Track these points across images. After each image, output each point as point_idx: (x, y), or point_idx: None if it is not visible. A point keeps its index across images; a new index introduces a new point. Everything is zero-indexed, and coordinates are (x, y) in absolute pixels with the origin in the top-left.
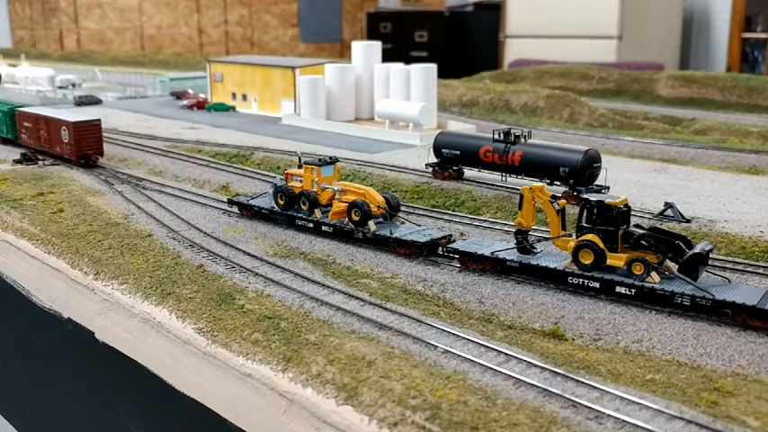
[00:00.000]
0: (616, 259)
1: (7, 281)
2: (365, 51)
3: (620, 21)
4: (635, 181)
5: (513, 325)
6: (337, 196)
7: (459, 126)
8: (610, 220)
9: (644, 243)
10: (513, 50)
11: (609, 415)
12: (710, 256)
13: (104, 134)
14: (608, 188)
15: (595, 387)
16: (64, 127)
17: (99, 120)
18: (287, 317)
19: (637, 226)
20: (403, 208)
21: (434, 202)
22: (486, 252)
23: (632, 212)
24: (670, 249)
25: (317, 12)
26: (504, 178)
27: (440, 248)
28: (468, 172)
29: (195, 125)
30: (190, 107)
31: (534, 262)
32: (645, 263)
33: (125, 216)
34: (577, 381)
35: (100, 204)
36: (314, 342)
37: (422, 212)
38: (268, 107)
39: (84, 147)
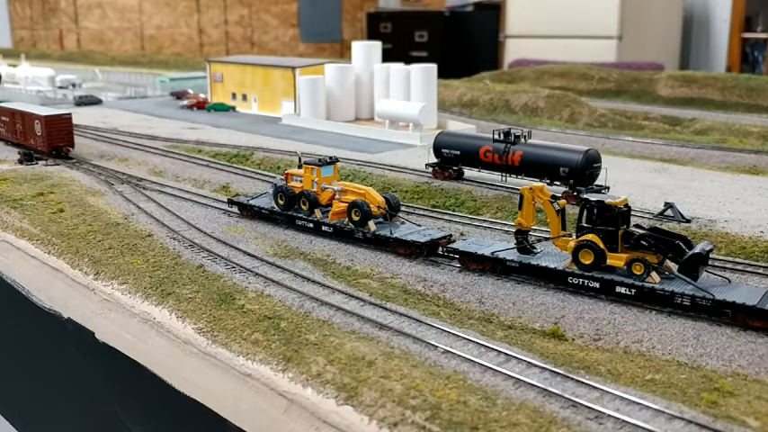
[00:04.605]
0: (616, 259)
1: (7, 281)
2: (365, 51)
3: (620, 21)
4: (635, 181)
5: (513, 325)
6: (337, 196)
7: (459, 126)
8: (610, 220)
9: (644, 243)
10: (513, 50)
11: (609, 415)
12: (710, 256)
13: (105, 134)
14: (608, 188)
15: (595, 387)
16: (37, 121)
17: (70, 114)
18: (287, 317)
19: (637, 226)
20: (403, 208)
21: (434, 202)
22: (487, 252)
23: (632, 212)
24: (670, 249)
25: (317, 12)
26: (504, 178)
27: (440, 248)
28: (468, 172)
29: (195, 125)
30: (190, 107)
31: (534, 262)
32: (645, 263)
33: (125, 216)
34: (577, 381)
35: (100, 204)
36: (314, 342)
37: (422, 212)
38: (268, 107)
39: (56, 139)
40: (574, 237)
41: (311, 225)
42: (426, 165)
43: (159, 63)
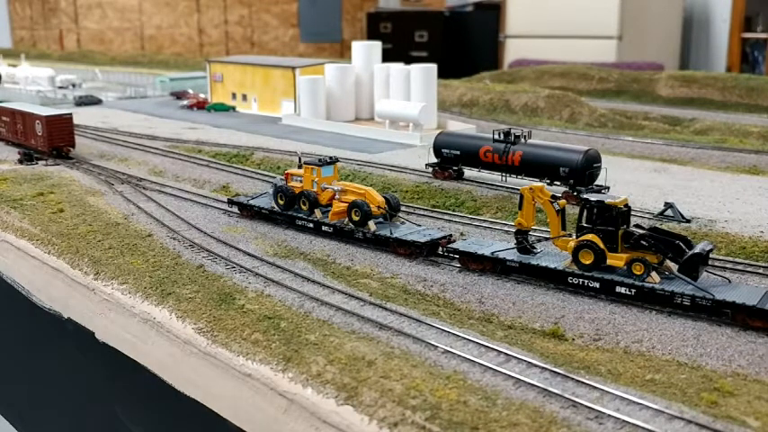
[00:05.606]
0: (616, 259)
1: (7, 281)
2: (365, 51)
3: (620, 21)
4: (635, 181)
5: (513, 325)
6: (337, 196)
7: (459, 126)
8: (610, 220)
9: (644, 243)
10: (513, 50)
11: (609, 415)
12: (710, 256)
13: (105, 134)
14: (608, 188)
15: (595, 387)
16: (38, 121)
17: (70, 114)
18: (287, 317)
19: (637, 226)
20: (403, 208)
21: (434, 202)
22: (487, 252)
23: (632, 212)
24: (670, 249)
25: (317, 12)
26: (504, 178)
27: (440, 248)
28: (468, 172)
29: (195, 125)
30: (190, 107)
31: (534, 262)
32: (645, 263)
33: (125, 216)
34: (577, 381)
35: (100, 204)
36: (314, 342)
37: (422, 212)
38: (268, 107)
39: (56, 139)
40: (574, 237)
41: (311, 225)
42: (426, 165)
43: (159, 63)
